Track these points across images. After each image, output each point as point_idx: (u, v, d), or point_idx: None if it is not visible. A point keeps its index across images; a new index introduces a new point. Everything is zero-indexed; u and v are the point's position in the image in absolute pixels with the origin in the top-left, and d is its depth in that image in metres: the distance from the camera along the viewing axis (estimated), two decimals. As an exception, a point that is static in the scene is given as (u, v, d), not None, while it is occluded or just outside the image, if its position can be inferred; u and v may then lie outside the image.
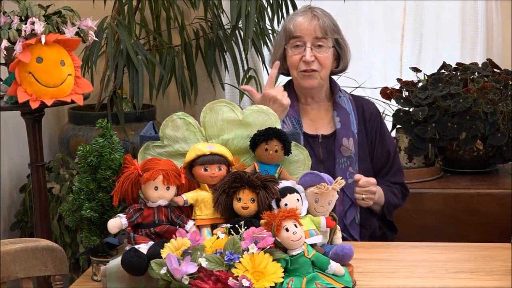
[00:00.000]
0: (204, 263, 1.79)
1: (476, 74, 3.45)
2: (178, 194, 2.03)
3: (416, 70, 3.62)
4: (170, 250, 1.84)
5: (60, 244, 3.25)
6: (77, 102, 2.62)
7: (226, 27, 3.63)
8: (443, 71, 3.56)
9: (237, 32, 3.56)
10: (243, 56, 3.62)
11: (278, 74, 2.80)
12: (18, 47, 2.48)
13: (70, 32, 2.57)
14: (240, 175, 1.98)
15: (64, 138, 3.56)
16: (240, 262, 1.80)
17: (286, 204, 1.94)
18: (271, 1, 3.52)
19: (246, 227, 1.89)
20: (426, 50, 3.93)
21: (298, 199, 1.95)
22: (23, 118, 2.75)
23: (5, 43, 2.51)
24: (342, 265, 1.92)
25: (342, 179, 1.98)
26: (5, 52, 2.56)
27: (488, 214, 3.23)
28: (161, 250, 1.84)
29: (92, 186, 2.07)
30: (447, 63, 3.59)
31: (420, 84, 3.50)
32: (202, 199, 2.02)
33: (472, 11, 3.80)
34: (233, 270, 1.79)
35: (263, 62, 3.68)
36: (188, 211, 2.04)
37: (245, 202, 1.97)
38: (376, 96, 3.59)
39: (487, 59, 3.56)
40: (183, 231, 1.89)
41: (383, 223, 2.76)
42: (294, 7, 3.50)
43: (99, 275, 2.01)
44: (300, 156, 2.16)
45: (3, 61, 2.67)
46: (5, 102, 2.60)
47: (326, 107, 2.77)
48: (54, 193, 3.32)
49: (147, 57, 3.37)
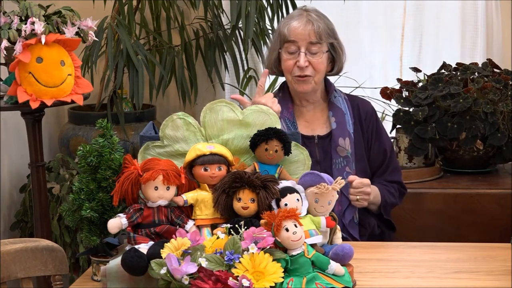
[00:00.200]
0: (204, 263, 1.79)
1: (476, 74, 3.45)
2: (178, 194, 2.02)
3: (416, 70, 3.62)
4: (170, 250, 1.83)
5: (60, 244, 3.25)
6: (77, 102, 2.62)
7: (226, 27, 3.63)
8: (443, 71, 3.56)
9: (237, 32, 3.56)
10: (243, 56, 3.62)
11: (277, 77, 2.79)
12: (18, 47, 2.48)
13: (70, 32, 2.57)
14: (240, 175, 1.98)
15: (64, 138, 3.55)
16: (240, 262, 1.80)
17: (286, 204, 1.94)
18: (271, 1, 3.51)
19: (246, 227, 1.89)
20: (426, 50, 3.93)
21: (298, 199, 1.95)
22: (23, 118, 2.75)
23: (5, 43, 2.51)
24: (342, 265, 1.92)
25: (342, 179, 1.98)
26: (5, 52, 2.56)
27: (488, 214, 3.23)
28: (161, 250, 1.84)
29: (92, 186, 2.07)
30: (447, 63, 3.59)
31: (420, 84, 3.50)
32: (202, 199, 2.02)
33: (472, 11, 3.80)
34: (233, 270, 1.79)
35: (263, 62, 3.67)
36: (188, 211, 2.04)
37: (245, 202, 1.97)
38: (376, 96, 3.59)
39: (487, 59, 3.56)
40: (183, 231, 1.89)
41: (381, 222, 2.75)
42: (294, 7, 3.50)
43: (99, 275, 2.01)
44: (300, 156, 2.16)
45: (3, 61, 2.67)
46: (5, 102, 2.60)
47: (321, 107, 2.76)
48: (54, 193, 3.32)
49: (147, 57, 3.37)
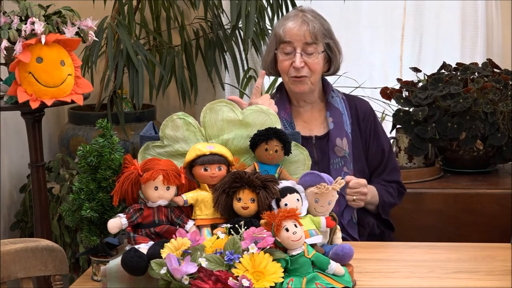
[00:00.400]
0: (204, 263, 1.79)
1: (476, 74, 3.45)
2: (178, 194, 2.02)
3: (416, 70, 3.62)
4: (170, 250, 1.83)
5: (60, 244, 3.25)
6: (77, 102, 2.62)
7: (226, 27, 3.63)
8: (443, 71, 3.56)
9: (237, 32, 3.56)
10: (243, 56, 3.62)
11: (276, 78, 2.79)
12: (18, 47, 2.48)
13: (70, 32, 2.57)
14: (240, 175, 1.98)
15: (64, 138, 3.55)
16: (240, 262, 1.80)
17: (286, 204, 1.94)
18: (271, 1, 3.51)
19: (246, 227, 1.89)
20: (426, 50, 3.93)
21: (298, 199, 1.95)
22: (23, 118, 2.75)
23: (5, 43, 2.51)
24: (342, 265, 1.92)
25: (342, 179, 1.98)
26: (5, 52, 2.56)
27: (488, 214, 3.23)
28: (161, 250, 1.84)
29: (92, 186, 2.07)
30: (447, 63, 3.59)
31: (420, 84, 3.50)
32: (202, 199, 2.02)
33: (472, 11, 3.80)
34: (233, 270, 1.79)
35: (263, 63, 3.68)
36: (188, 211, 2.04)
37: (245, 202, 1.97)
38: (376, 96, 3.59)
39: (487, 59, 3.56)
40: (183, 231, 1.89)
41: (379, 221, 2.75)
42: (294, 7, 3.49)
43: (99, 275, 2.01)
44: (300, 156, 2.16)
45: (3, 61, 2.67)
46: (5, 102, 2.60)
47: (319, 108, 2.76)
48: (54, 193, 3.32)
49: (147, 57, 3.37)
